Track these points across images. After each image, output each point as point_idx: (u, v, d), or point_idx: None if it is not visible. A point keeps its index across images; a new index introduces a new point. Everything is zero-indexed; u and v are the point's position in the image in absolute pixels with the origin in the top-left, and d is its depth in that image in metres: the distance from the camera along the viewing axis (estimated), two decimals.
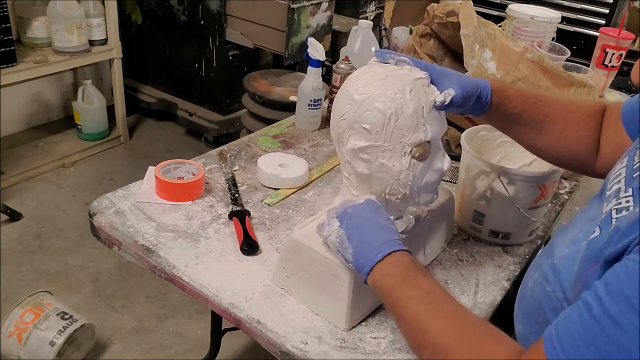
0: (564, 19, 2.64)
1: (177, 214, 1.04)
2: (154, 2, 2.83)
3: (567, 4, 3.11)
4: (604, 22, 3.02)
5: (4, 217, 2.23)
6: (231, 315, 0.84)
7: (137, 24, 2.95)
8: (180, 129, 3.07)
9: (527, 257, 1.05)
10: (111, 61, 2.68)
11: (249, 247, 0.96)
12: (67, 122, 2.91)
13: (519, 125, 0.88)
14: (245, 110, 2.38)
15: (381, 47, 2.71)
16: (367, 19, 2.80)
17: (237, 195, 1.11)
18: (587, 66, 1.60)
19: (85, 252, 2.13)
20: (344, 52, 1.49)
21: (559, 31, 1.80)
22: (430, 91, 0.78)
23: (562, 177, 1.27)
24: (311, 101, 1.39)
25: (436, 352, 0.64)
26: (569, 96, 1.28)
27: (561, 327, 0.55)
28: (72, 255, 2.12)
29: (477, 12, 1.28)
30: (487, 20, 1.31)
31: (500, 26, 1.58)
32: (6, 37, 2.18)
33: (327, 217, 0.80)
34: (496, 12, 3.09)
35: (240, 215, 1.03)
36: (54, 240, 2.19)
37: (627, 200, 0.62)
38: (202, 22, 2.68)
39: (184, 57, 2.85)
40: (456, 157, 1.13)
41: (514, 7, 1.80)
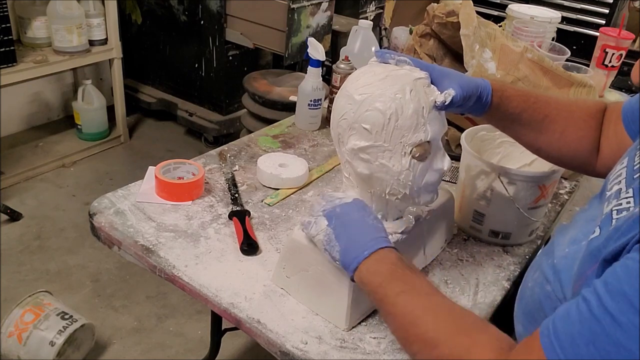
0: (564, 19, 2.64)
1: (177, 214, 1.04)
2: (154, 2, 2.82)
3: (567, 4, 3.11)
4: (604, 22, 3.02)
5: (4, 217, 2.23)
6: (231, 315, 0.84)
7: (137, 24, 2.95)
8: (180, 129, 3.07)
9: (527, 257, 1.05)
10: (111, 61, 2.68)
11: (249, 247, 0.96)
12: (67, 122, 2.91)
13: (519, 125, 0.88)
14: (245, 110, 2.38)
15: (381, 47, 2.71)
16: (367, 19, 2.80)
17: (237, 195, 1.11)
18: (587, 66, 1.60)
19: (85, 252, 2.13)
20: (344, 52, 1.49)
21: (559, 31, 1.80)
22: (430, 91, 0.78)
23: (562, 177, 1.26)
24: (311, 101, 1.39)
25: (425, 345, 0.65)
26: (569, 96, 1.28)
27: (559, 323, 0.55)
28: (72, 255, 2.12)
29: (477, 12, 1.28)
30: (487, 20, 1.31)
31: (500, 26, 1.58)
32: (6, 37, 2.18)
33: (313, 215, 0.79)
34: (496, 12, 3.09)
35: (240, 215, 1.03)
36: (54, 240, 2.19)
37: (628, 201, 0.62)
38: (202, 22, 2.68)
39: (184, 57, 2.85)
40: (456, 157, 1.13)
41: (514, 7, 1.80)
